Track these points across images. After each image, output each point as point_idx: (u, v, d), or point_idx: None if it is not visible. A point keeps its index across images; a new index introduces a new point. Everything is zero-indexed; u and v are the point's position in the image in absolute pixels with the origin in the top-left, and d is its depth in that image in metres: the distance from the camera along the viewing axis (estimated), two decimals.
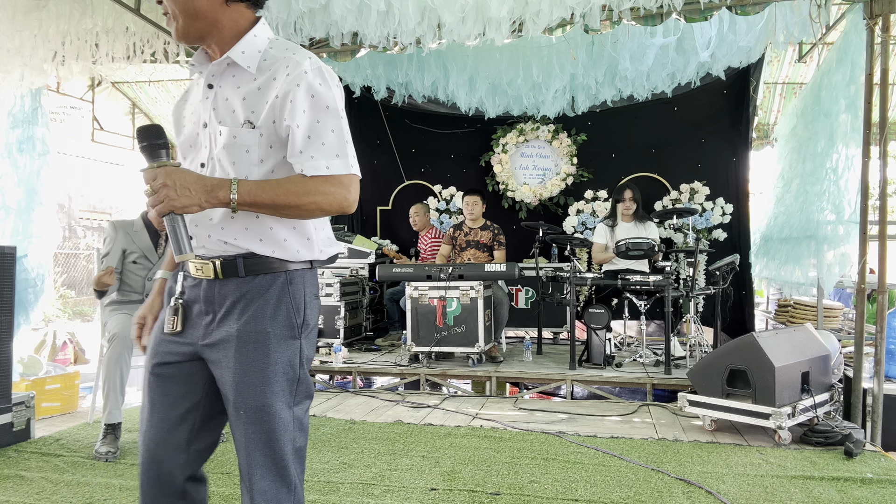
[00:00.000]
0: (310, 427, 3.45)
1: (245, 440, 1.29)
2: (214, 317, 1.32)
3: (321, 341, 5.31)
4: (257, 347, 1.29)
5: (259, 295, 1.31)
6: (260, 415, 1.28)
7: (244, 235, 1.31)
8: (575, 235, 6.06)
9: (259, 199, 1.21)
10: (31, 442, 3.24)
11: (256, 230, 1.31)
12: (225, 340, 1.30)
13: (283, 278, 1.33)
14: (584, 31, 3.88)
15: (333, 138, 1.29)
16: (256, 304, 1.31)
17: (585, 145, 6.41)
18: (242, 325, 1.30)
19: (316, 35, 4.30)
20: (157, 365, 1.36)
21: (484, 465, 2.88)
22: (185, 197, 1.17)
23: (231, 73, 1.31)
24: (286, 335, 1.32)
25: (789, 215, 4.82)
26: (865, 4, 3.55)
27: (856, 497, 2.52)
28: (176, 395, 1.36)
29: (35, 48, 3.85)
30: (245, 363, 1.29)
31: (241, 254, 1.31)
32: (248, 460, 1.29)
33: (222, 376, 1.31)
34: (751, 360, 3.23)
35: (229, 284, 1.31)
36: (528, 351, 4.84)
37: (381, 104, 6.61)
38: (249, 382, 1.29)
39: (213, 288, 1.32)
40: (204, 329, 1.33)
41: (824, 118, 4.23)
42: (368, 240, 6.21)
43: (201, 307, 1.34)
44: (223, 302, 1.31)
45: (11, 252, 3.22)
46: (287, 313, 1.33)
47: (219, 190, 1.19)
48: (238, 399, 1.29)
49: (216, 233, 1.31)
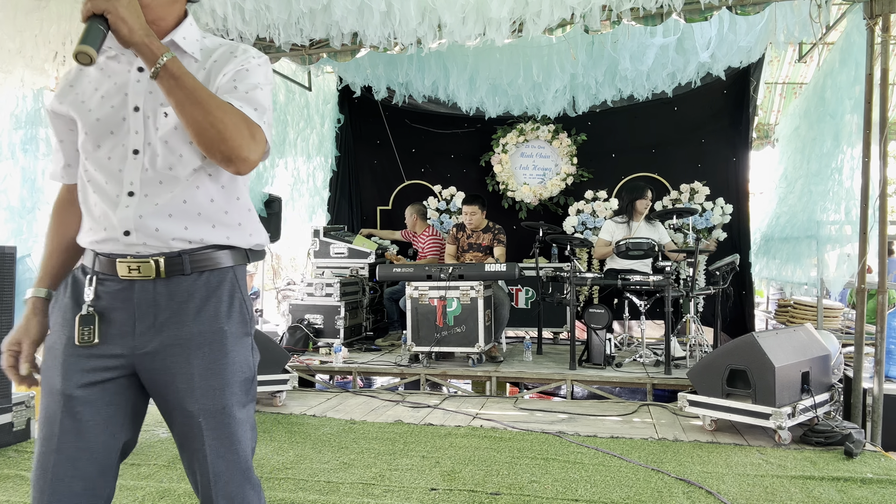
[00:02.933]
0: (310, 427, 3.47)
1: (206, 448, 1.21)
2: (154, 321, 1.21)
3: (321, 341, 5.32)
4: (214, 348, 1.23)
5: (211, 293, 1.24)
6: (220, 419, 1.22)
7: (196, 223, 1.23)
8: (575, 235, 6.06)
9: (185, 79, 1.12)
10: (31, 442, 3.25)
11: (209, 216, 1.25)
12: (174, 345, 1.21)
13: (231, 274, 1.27)
14: (585, 31, 3.89)
15: (262, 99, 1.24)
16: (210, 303, 1.24)
17: (585, 145, 6.41)
18: (196, 326, 1.22)
19: (316, 35, 4.30)
20: (81, 387, 1.19)
21: (484, 465, 2.88)
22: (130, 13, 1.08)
23: None
24: (241, 332, 1.27)
25: (792, 215, 4.82)
26: (865, 4, 3.55)
27: (856, 497, 2.53)
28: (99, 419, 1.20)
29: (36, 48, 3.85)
30: (203, 366, 1.21)
31: (187, 249, 1.22)
32: (211, 469, 1.22)
33: (170, 383, 1.21)
34: (751, 360, 3.24)
35: (172, 284, 1.22)
36: (528, 351, 4.84)
37: (381, 104, 6.62)
38: (209, 386, 1.21)
39: (150, 289, 1.21)
40: (140, 337, 1.21)
41: (830, 119, 4.23)
42: (368, 240, 6.22)
43: (132, 312, 1.21)
44: (167, 304, 1.21)
45: (11, 252, 3.22)
46: (240, 310, 1.28)
47: (155, 39, 1.11)
48: (195, 405, 1.21)
49: (164, 224, 1.21)
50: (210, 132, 1.14)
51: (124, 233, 1.20)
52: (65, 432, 1.18)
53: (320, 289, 5.44)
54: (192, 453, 1.24)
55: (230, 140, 1.15)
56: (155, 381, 1.23)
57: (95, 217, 1.24)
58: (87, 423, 1.19)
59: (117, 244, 1.21)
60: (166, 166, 1.22)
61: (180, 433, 1.25)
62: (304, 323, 5.38)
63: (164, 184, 1.22)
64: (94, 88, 1.25)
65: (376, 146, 6.90)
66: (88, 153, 1.24)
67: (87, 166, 1.24)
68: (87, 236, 1.26)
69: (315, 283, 5.47)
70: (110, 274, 1.22)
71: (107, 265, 1.22)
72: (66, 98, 1.27)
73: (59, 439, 1.17)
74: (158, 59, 1.10)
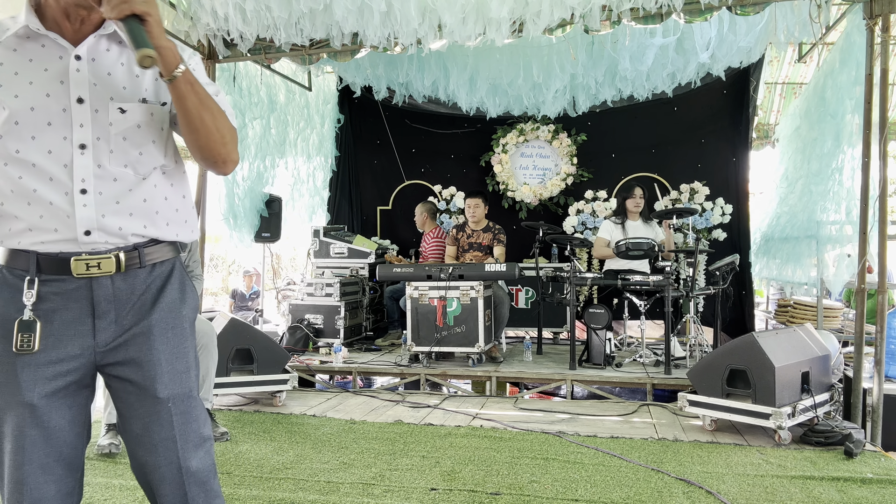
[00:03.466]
0: (310, 427, 3.47)
1: (175, 435, 1.22)
2: (116, 315, 1.20)
3: (321, 341, 5.32)
4: (176, 333, 1.25)
5: (165, 282, 1.26)
6: (187, 403, 1.25)
7: (153, 221, 1.23)
8: (575, 235, 6.06)
9: (197, 84, 1.16)
10: None
11: (165, 214, 1.26)
12: (143, 333, 1.21)
13: (177, 264, 1.30)
14: (584, 31, 3.89)
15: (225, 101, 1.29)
16: (167, 292, 1.26)
17: (585, 145, 6.41)
18: (157, 314, 1.23)
19: (317, 35, 4.31)
20: (44, 396, 1.15)
21: (484, 465, 2.88)
22: (148, 7, 1.07)
23: (105, 46, 1.21)
24: (193, 317, 1.32)
25: (792, 215, 4.83)
26: (865, 4, 3.55)
27: (856, 497, 2.53)
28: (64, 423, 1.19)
29: None
30: (168, 352, 1.23)
31: (140, 243, 1.22)
32: (181, 456, 1.23)
33: (136, 374, 1.21)
34: (751, 360, 3.24)
35: (129, 277, 1.21)
36: (528, 351, 4.84)
37: (381, 104, 6.62)
38: (175, 370, 1.24)
39: (109, 284, 1.19)
40: (102, 332, 1.19)
41: (831, 119, 4.23)
42: (368, 240, 6.22)
43: (89, 310, 1.18)
44: (127, 297, 1.21)
45: None
46: (192, 296, 1.32)
47: (172, 44, 1.12)
48: (165, 391, 1.22)
49: (125, 222, 1.19)
50: (215, 135, 1.19)
51: (85, 232, 1.16)
52: (33, 443, 1.15)
53: (320, 289, 5.44)
54: (156, 444, 1.22)
55: (228, 143, 1.21)
56: (119, 375, 1.22)
57: (34, 217, 1.14)
58: (54, 429, 1.17)
59: (73, 244, 1.16)
60: (121, 163, 1.19)
61: (145, 424, 1.22)
62: (304, 323, 5.38)
63: (119, 181, 1.19)
64: (14, 72, 1.15)
65: (376, 146, 6.90)
66: (19, 145, 1.13)
67: (15, 159, 1.14)
68: (19, 238, 1.16)
69: (315, 283, 5.47)
70: (59, 274, 1.17)
71: (54, 266, 1.16)
72: None
73: (28, 451, 1.15)
74: (179, 64, 1.11)
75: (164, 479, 1.23)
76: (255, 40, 4.38)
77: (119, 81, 1.20)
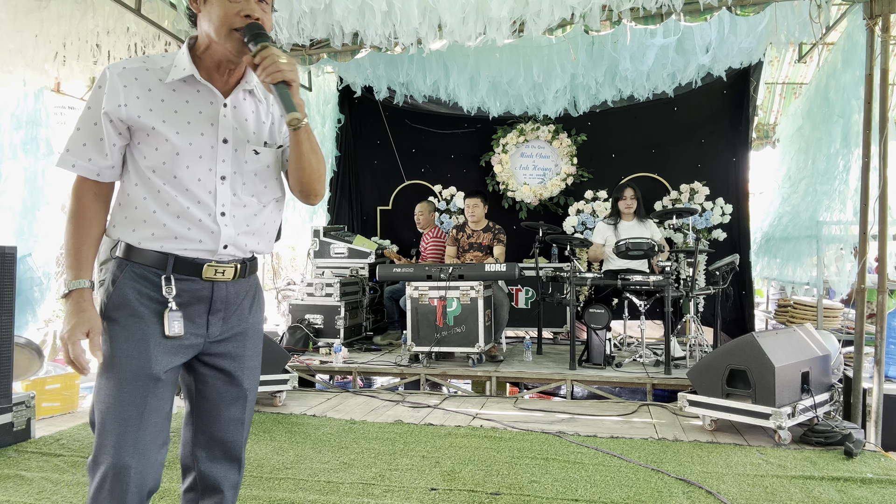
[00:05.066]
0: (310, 427, 3.47)
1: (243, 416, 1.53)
2: (224, 314, 1.47)
3: (321, 341, 5.32)
4: (258, 337, 1.56)
5: (255, 292, 1.56)
6: (253, 395, 1.56)
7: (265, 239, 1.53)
8: (575, 235, 6.06)
9: (312, 135, 1.43)
10: (32, 442, 3.25)
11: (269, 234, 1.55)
12: (241, 333, 1.50)
13: (257, 278, 1.59)
14: (585, 31, 3.89)
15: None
16: (256, 301, 1.56)
17: (585, 145, 6.41)
18: (253, 318, 1.53)
19: (317, 35, 4.31)
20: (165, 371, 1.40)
21: (484, 465, 2.88)
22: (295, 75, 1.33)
23: (243, 96, 1.47)
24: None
25: (795, 214, 4.82)
26: (865, 4, 3.55)
27: (856, 497, 2.53)
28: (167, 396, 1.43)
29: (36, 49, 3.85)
30: (253, 351, 1.54)
31: (247, 257, 1.50)
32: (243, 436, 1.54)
33: (233, 365, 1.50)
34: (751, 360, 3.24)
35: (239, 285, 1.50)
36: (528, 351, 4.84)
37: (381, 104, 6.61)
38: (254, 367, 1.55)
39: (225, 289, 1.47)
40: (214, 327, 1.46)
41: (837, 119, 4.23)
42: (368, 240, 6.22)
43: (207, 307, 1.45)
44: (235, 300, 1.49)
45: (12, 252, 3.22)
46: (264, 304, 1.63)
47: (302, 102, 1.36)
48: (248, 382, 1.52)
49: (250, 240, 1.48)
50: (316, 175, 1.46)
51: (223, 246, 1.43)
52: (152, 410, 1.38)
53: (320, 289, 5.44)
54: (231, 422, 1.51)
55: (323, 181, 1.50)
56: (216, 364, 1.49)
57: (182, 228, 1.39)
58: (166, 399, 1.43)
59: (210, 254, 1.42)
60: (250, 193, 1.46)
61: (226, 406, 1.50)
62: (304, 323, 5.38)
63: (248, 207, 1.46)
64: (174, 111, 1.39)
65: (376, 146, 6.90)
66: (177, 171, 1.38)
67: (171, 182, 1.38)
68: (159, 242, 1.39)
69: (315, 283, 5.47)
70: (191, 276, 1.42)
71: (189, 268, 1.41)
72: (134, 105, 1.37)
73: (146, 417, 1.37)
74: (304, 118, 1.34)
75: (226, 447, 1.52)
76: None
77: (251, 127, 1.47)
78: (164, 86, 1.39)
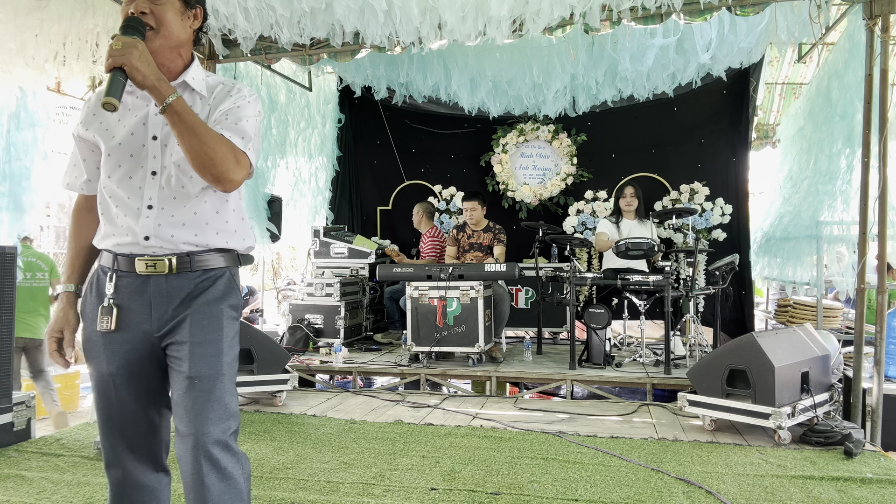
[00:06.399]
0: (310, 427, 3.48)
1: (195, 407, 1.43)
2: (168, 308, 1.47)
3: (321, 341, 5.32)
4: (212, 322, 1.48)
5: (210, 284, 1.51)
6: (212, 382, 1.45)
7: (203, 231, 1.50)
8: (575, 235, 6.06)
9: (186, 116, 1.35)
10: (32, 442, 3.25)
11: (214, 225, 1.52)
12: (182, 321, 1.47)
13: (227, 273, 1.55)
14: (585, 31, 3.89)
15: (248, 129, 1.50)
16: (210, 291, 1.51)
17: (585, 145, 6.41)
18: (198, 306, 1.48)
19: (317, 34, 4.30)
20: (119, 367, 1.47)
21: (484, 465, 2.88)
22: (143, 63, 1.31)
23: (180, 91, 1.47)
24: (233, 316, 1.55)
25: (796, 214, 4.82)
26: (865, 5, 3.55)
27: (856, 497, 2.53)
28: (141, 388, 1.50)
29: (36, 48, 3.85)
30: (201, 336, 1.46)
31: (193, 251, 1.49)
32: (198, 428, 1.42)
33: (178, 352, 1.46)
34: (751, 359, 3.24)
35: (181, 278, 1.48)
36: (528, 351, 4.84)
37: (381, 104, 6.61)
38: (207, 353, 1.46)
39: (164, 283, 1.47)
40: (156, 322, 1.47)
41: (839, 119, 4.23)
42: (368, 240, 6.22)
43: (147, 302, 1.47)
44: (177, 294, 1.47)
45: (12, 252, 3.22)
46: (234, 296, 1.56)
47: (164, 83, 1.34)
48: (193, 369, 1.44)
49: (178, 231, 1.48)
50: (203, 158, 1.38)
51: (144, 238, 1.45)
52: (111, 405, 1.48)
53: (320, 289, 5.44)
54: (183, 414, 1.44)
55: (219, 165, 1.39)
56: (170, 356, 1.48)
57: (117, 225, 1.48)
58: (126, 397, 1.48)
59: (137, 247, 1.46)
60: (179, 185, 1.47)
61: (178, 397, 1.45)
62: (304, 323, 5.38)
63: (178, 199, 1.48)
64: (118, 119, 1.50)
65: (376, 146, 6.90)
66: (110, 172, 1.48)
67: (108, 183, 1.49)
68: (107, 240, 1.50)
69: (315, 283, 5.47)
70: (128, 271, 1.47)
71: (125, 263, 1.47)
72: (92, 125, 1.51)
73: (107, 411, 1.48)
74: (166, 98, 1.33)
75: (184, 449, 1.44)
76: (257, 39, 4.38)
77: None
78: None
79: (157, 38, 1.44)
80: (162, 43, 1.45)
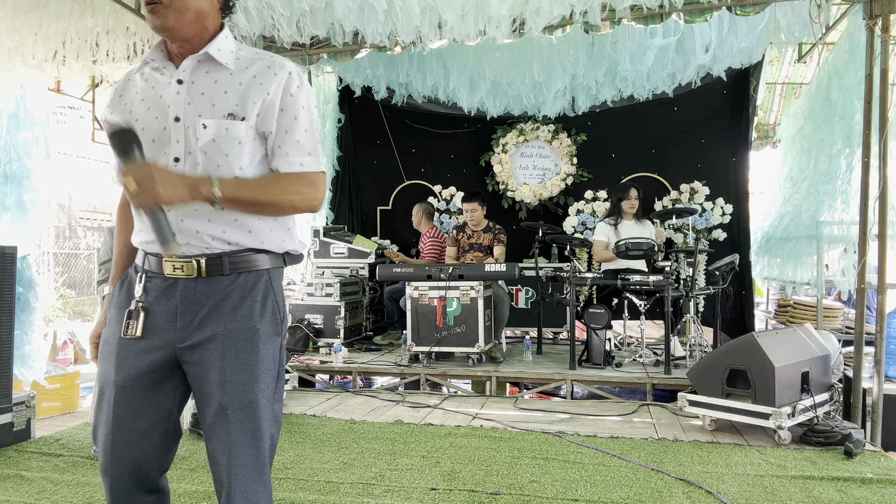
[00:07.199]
0: (310, 427, 3.47)
1: (229, 439, 1.27)
2: (194, 317, 1.30)
3: (321, 341, 5.32)
4: (246, 345, 1.30)
5: (247, 293, 1.32)
6: (247, 412, 1.29)
7: (233, 228, 1.31)
8: (575, 235, 6.06)
9: (240, 196, 1.25)
10: (32, 442, 3.24)
11: (245, 222, 1.33)
12: (210, 339, 1.29)
13: (266, 277, 1.35)
14: (585, 31, 3.89)
15: (307, 137, 1.35)
16: (246, 302, 1.32)
17: (585, 145, 6.41)
18: (232, 323, 1.29)
19: (317, 33, 4.30)
20: (131, 378, 1.30)
21: (484, 465, 2.88)
22: (171, 190, 1.17)
23: (205, 69, 1.33)
24: (272, 332, 1.35)
25: (796, 214, 4.82)
26: (865, 4, 3.55)
27: (856, 497, 2.53)
28: (147, 405, 1.32)
29: (35, 47, 3.85)
30: (235, 361, 1.29)
31: (227, 251, 1.31)
32: (230, 460, 1.27)
33: (206, 375, 1.29)
34: (751, 360, 3.24)
35: (212, 283, 1.30)
36: (528, 351, 4.84)
37: (381, 104, 6.61)
38: (239, 380, 1.29)
39: (193, 287, 1.30)
40: (181, 331, 1.30)
41: (839, 119, 4.23)
42: (368, 240, 6.21)
43: (175, 308, 1.30)
44: (206, 301, 1.30)
45: (12, 252, 3.22)
46: (273, 311, 1.36)
47: (201, 185, 1.21)
48: (226, 398, 1.27)
49: (204, 226, 1.30)
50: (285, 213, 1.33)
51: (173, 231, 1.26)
52: (119, 418, 1.30)
53: (320, 289, 5.44)
54: (217, 442, 1.29)
55: (300, 206, 1.32)
56: (192, 374, 1.32)
57: (140, 220, 1.33)
58: (136, 410, 1.31)
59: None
60: (205, 174, 1.27)
61: (210, 424, 1.30)
62: (304, 323, 5.38)
63: None
64: (141, 99, 1.33)
65: (376, 146, 6.90)
66: None
67: None
68: (137, 237, 1.36)
69: (315, 283, 5.47)
70: (157, 272, 1.32)
71: (154, 264, 1.32)
72: (117, 108, 1.36)
73: (114, 424, 1.30)
74: (212, 196, 1.21)
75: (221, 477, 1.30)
76: (257, 38, 4.38)
77: (207, 100, 1.30)
78: (140, 77, 1.37)
79: (168, 12, 1.25)
80: (177, 17, 1.25)
